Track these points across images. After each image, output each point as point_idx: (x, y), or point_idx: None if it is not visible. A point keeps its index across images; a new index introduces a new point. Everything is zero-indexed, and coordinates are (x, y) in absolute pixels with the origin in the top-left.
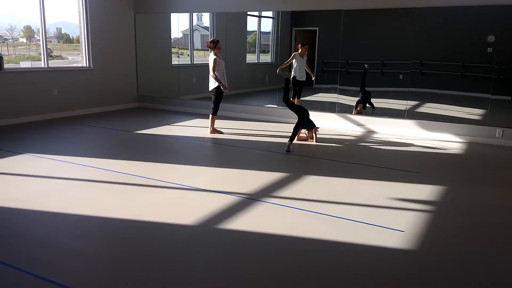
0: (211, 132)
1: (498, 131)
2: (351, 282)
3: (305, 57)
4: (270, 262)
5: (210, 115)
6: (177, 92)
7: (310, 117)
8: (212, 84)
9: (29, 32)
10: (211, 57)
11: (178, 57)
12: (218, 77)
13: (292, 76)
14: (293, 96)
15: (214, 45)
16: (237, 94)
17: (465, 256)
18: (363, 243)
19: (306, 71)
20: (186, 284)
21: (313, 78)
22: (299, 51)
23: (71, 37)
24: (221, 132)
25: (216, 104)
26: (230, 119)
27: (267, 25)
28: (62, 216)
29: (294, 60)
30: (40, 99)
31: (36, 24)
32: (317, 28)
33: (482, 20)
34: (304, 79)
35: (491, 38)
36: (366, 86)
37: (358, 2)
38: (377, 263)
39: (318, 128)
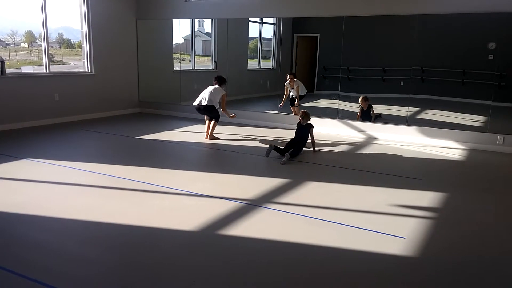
0: (210, 138)
1: (499, 138)
2: None
3: (294, 84)
4: (272, 269)
5: (213, 122)
6: (178, 98)
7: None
8: (210, 101)
9: (30, 37)
10: (220, 90)
11: (180, 62)
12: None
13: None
14: (290, 104)
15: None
16: (238, 100)
17: (466, 263)
18: (364, 249)
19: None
20: None
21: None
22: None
23: (72, 42)
24: (218, 138)
25: (218, 114)
26: (231, 124)
27: (268, 31)
28: (63, 222)
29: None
30: (42, 104)
31: (37, 29)
32: (318, 35)
33: (483, 27)
34: (294, 96)
35: (492, 45)
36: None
37: (360, 9)
38: (378, 269)
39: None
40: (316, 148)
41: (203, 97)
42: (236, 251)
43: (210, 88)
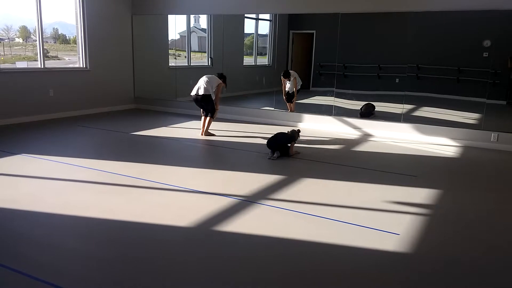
0: (206, 135)
1: (493, 135)
2: (345, 284)
3: (292, 79)
4: (267, 264)
5: (209, 118)
6: (174, 94)
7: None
8: (206, 90)
9: (25, 32)
10: (218, 80)
11: (175, 58)
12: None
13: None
14: (287, 100)
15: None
16: (234, 96)
17: (460, 259)
18: (358, 245)
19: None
20: (182, 286)
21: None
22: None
23: (67, 37)
24: (214, 135)
25: (213, 108)
26: (227, 121)
27: (264, 27)
28: (59, 217)
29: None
30: (36, 99)
31: (32, 24)
32: (314, 31)
33: (478, 24)
34: (292, 91)
35: (487, 43)
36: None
37: (355, 6)
38: (372, 265)
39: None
40: (294, 154)
41: (199, 87)
42: (232, 247)
43: (209, 77)
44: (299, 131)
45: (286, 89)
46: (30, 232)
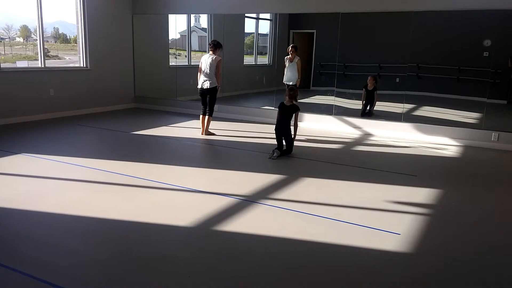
0: (206, 134)
1: (494, 134)
2: (346, 284)
3: (295, 60)
4: (266, 264)
5: (207, 117)
6: (174, 93)
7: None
8: (211, 83)
9: (26, 32)
10: (216, 58)
11: (176, 58)
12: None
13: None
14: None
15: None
16: (234, 96)
17: (461, 259)
18: (359, 245)
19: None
20: (182, 286)
21: (297, 81)
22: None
23: (68, 37)
24: (214, 134)
25: (214, 105)
26: (227, 120)
27: (264, 27)
28: (58, 216)
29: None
30: (37, 99)
31: (33, 23)
32: (314, 31)
33: (478, 24)
34: (292, 83)
35: (487, 42)
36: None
37: (356, 5)
38: (372, 265)
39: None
40: (296, 137)
41: (204, 80)
42: (231, 246)
43: (207, 63)
44: (293, 90)
45: (287, 79)
46: (29, 231)
